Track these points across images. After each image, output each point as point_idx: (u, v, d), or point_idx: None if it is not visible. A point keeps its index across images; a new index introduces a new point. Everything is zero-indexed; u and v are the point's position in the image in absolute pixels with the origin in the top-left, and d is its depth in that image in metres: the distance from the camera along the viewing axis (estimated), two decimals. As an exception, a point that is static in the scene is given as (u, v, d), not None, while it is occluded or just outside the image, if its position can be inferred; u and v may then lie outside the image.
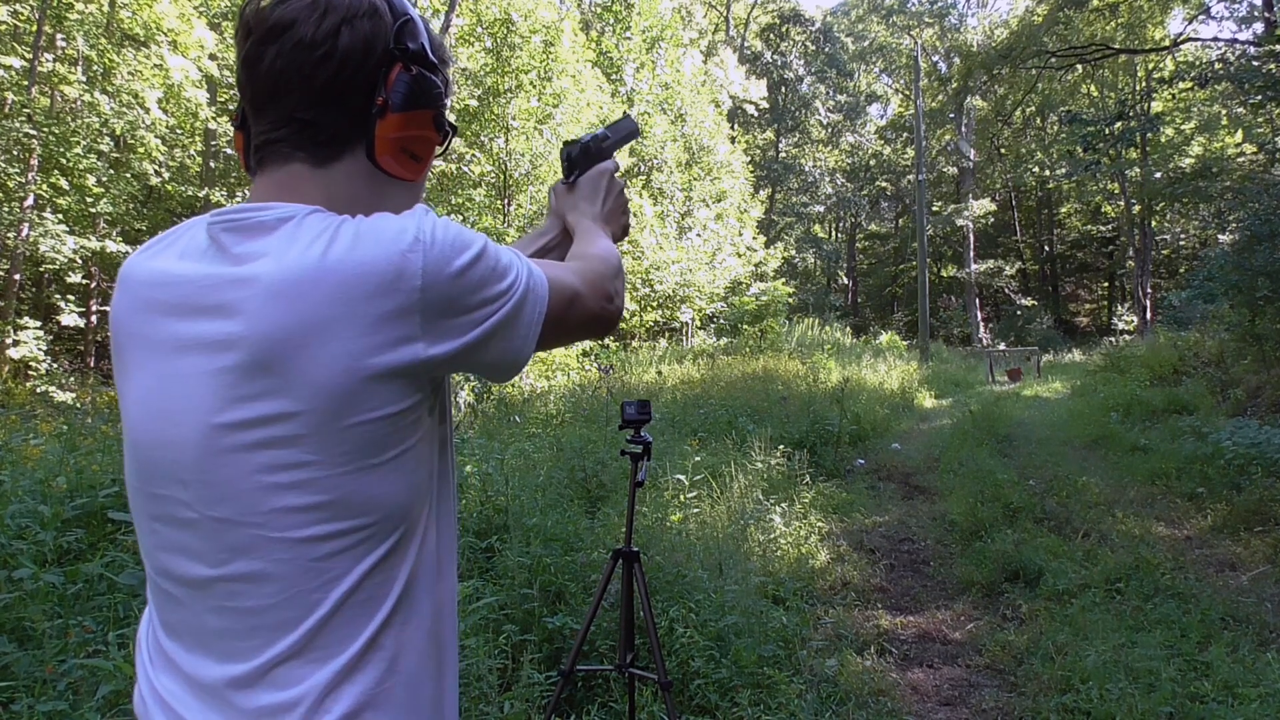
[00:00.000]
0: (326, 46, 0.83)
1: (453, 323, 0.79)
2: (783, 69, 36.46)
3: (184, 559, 0.81)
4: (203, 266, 0.81)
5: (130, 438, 0.86)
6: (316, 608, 0.77)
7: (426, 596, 0.85)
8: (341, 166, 0.87)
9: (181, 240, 0.88)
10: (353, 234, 0.77)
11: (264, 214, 0.81)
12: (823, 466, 7.46)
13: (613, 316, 1.01)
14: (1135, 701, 3.11)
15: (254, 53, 0.84)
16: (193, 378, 0.78)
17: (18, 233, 12.12)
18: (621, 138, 1.30)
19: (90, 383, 11.85)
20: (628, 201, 1.27)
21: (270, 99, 0.85)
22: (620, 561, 2.55)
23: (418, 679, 0.83)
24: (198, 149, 15.27)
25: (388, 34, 0.86)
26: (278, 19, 0.83)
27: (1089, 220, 35.18)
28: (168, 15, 13.07)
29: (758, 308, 17.41)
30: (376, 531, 0.79)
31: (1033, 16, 24.59)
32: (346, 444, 0.76)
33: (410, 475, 0.81)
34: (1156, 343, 15.73)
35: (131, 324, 0.86)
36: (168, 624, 0.86)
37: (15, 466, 4.05)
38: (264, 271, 0.76)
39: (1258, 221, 9.40)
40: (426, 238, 0.78)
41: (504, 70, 14.24)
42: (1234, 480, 6.18)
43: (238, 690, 0.78)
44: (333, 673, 0.78)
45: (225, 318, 0.77)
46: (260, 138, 0.87)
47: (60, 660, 2.34)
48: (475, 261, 0.80)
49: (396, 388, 0.77)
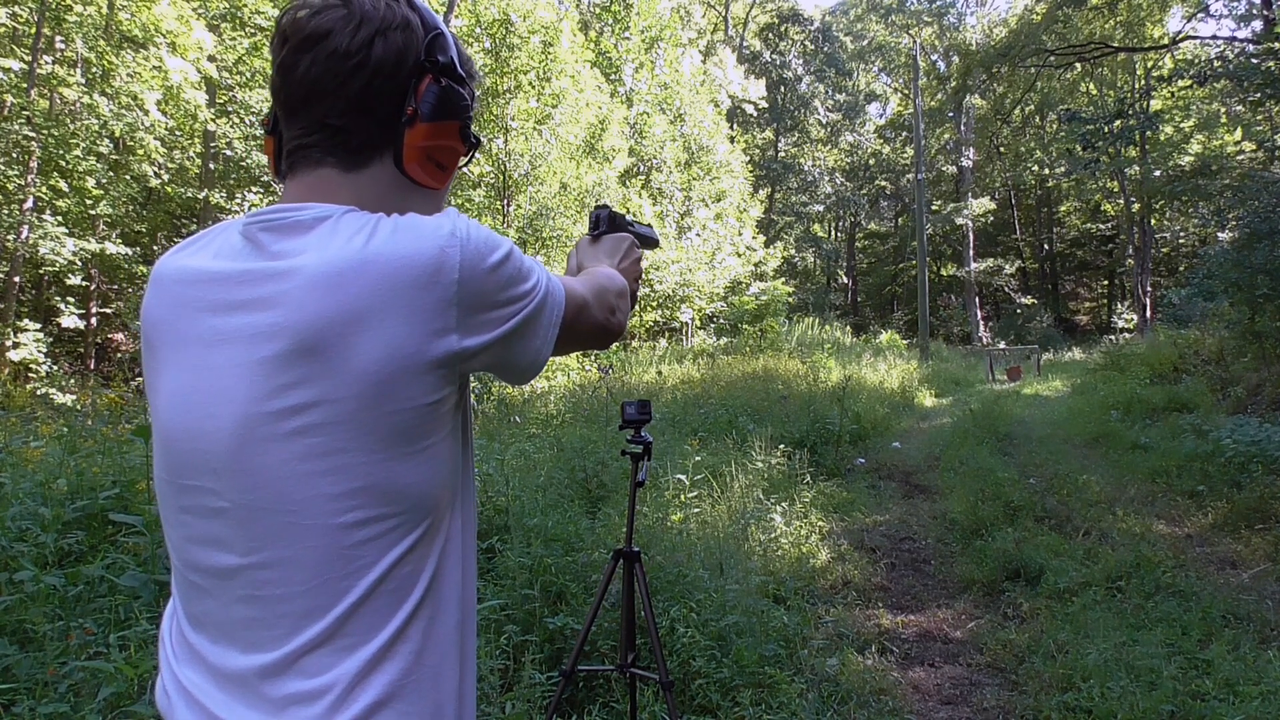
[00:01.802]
0: (360, 56, 0.86)
1: (484, 317, 0.83)
2: (782, 68, 36.45)
3: (213, 549, 0.83)
4: (239, 264, 0.83)
5: (162, 432, 0.87)
6: (345, 595, 0.79)
7: (452, 591, 0.87)
8: (370, 172, 0.90)
9: (215, 242, 0.90)
10: (392, 228, 0.80)
11: (301, 214, 0.83)
12: (823, 466, 7.46)
13: (615, 330, 1.06)
14: (1136, 699, 3.11)
15: (289, 60, 0.87)
16: (230, 369, 0.80)
17: (17, 235, 12.11)
18: (643, 236, 1.40)
19: (90, 385, 11.85)
20: (642, 273, 1.33)
21: (304, 105, 0.88)
22: (621, 561, 2.55)
23: (442, 670, 0.85)
24: (197, 151, 15.26)
25: (419, 47, 0.90)
26: (314, 29, 0.86)
27: (1088, 218, 35.19)
28: (166, 17, 13.08)
29: (757, 307, 17.41)
30: (405, 521, 0.81)
31: (1032, 15, 24.57)
32: (382, 431, 0.78)
33: (438, 467, 0.83)
34: (1156, 341, 15.74)
35: (165, 321, 0.87)
36: (193, 616, 0.87)
37: (16, 469, 4.05)
38: (305, 264, 0.78)
39: (1257, 219, 9.40)
40: (463, 234, 0.81)
41: (503, 71, 14.24)
42: (1234, 478, 6.18)
43: (265, 679, 0.79)
44: (362, 662, 0.79)
45: (265, 310, 0.79)
46: (292, 143, 0.90)
47: (61, 662, 2.34)
48: (505, 260, 0.84)
49: (433, 379, 0.80)
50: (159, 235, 15.86)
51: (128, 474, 3.73)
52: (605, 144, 16.52)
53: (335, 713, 0.77)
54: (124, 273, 14.49)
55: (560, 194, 15.16)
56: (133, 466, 3.85)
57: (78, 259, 12.74)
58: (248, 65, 14.18)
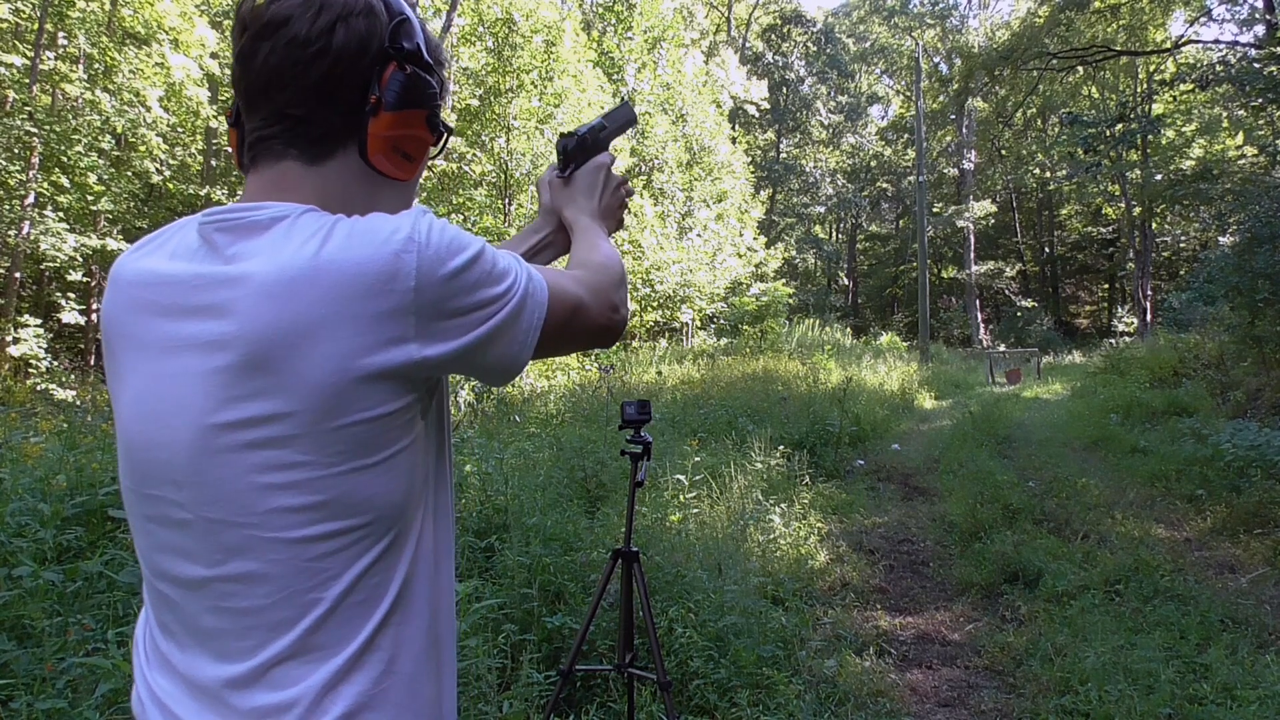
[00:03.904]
0: (320, 43, 0.83)
1: (447, 324, 0.79)
2: (784, 70, 36.46)
3: (179, 559, 0.81)
4: (194, 266, 0.81)
5: (123, 439, 0.86)
6: (312, 608, 0.77)
7: (423, 597, 0.85)
8: (334, 164, 0.87)
9: (172, 240, 0.87)
10: (346, 233, 0.77)
11: (257, 214, 0.80)
12: (822, 467, 7.46)
13: (618, 326, 1.00)
14: (1134, 703, 3.11)
15: (249, 48, 0.84)
16: (185, 378, 0.78)
17: (18, 230, 12.12)
18: (618, 127, 1.26)
19: (90, 380, 11.84)
20: (625, 195, 1.24)
21: (264, 95, 0.85)
22: (620, 561, 2.55)
23: (416, 679, 0.83)
24: (199, 147, 15.28)
25: (383, 33, 0.86)
26: (273, 15, 0.83)
27: (1089, 222, 35.18)
28: (169, 14, 13.09)
29: (758, 308, 17.40)
30: (371, 532, 0.79)
31: (1034, 18, 24.57)
32: (339, 444, 0.76)
33: (403, 476, 0.81)
34: (1156, 344, 15.73)
35: (123, 324, 0.85)
36: (164, 624, 0.86)
37: (15, 464, 4.05)
38: (257, 271, 0.76)
39: (1258, 224, 9.40)
40: (421, 238, 0.77)
41: (505, 70, 14.24)
42: (1233, 482, 6.18)
43: (234, 690, 0.78)
44: (330, 673, 0.78)
45: (217, 318, 0.77)
46: (254, 134, 0.87)
47: (59, 658, 2.34)
48: (471, 264, 0.80)
49: (389, 388, 0.77)
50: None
51: (127, 470, 3.73)
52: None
53: None
54: (125, 269, 14.49)
55: (561, 194, 15.10)
56: (132, 463, 3.84)
57: (78, 255, 12.75)
58: (250, 62, 14.17)
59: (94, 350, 15.09)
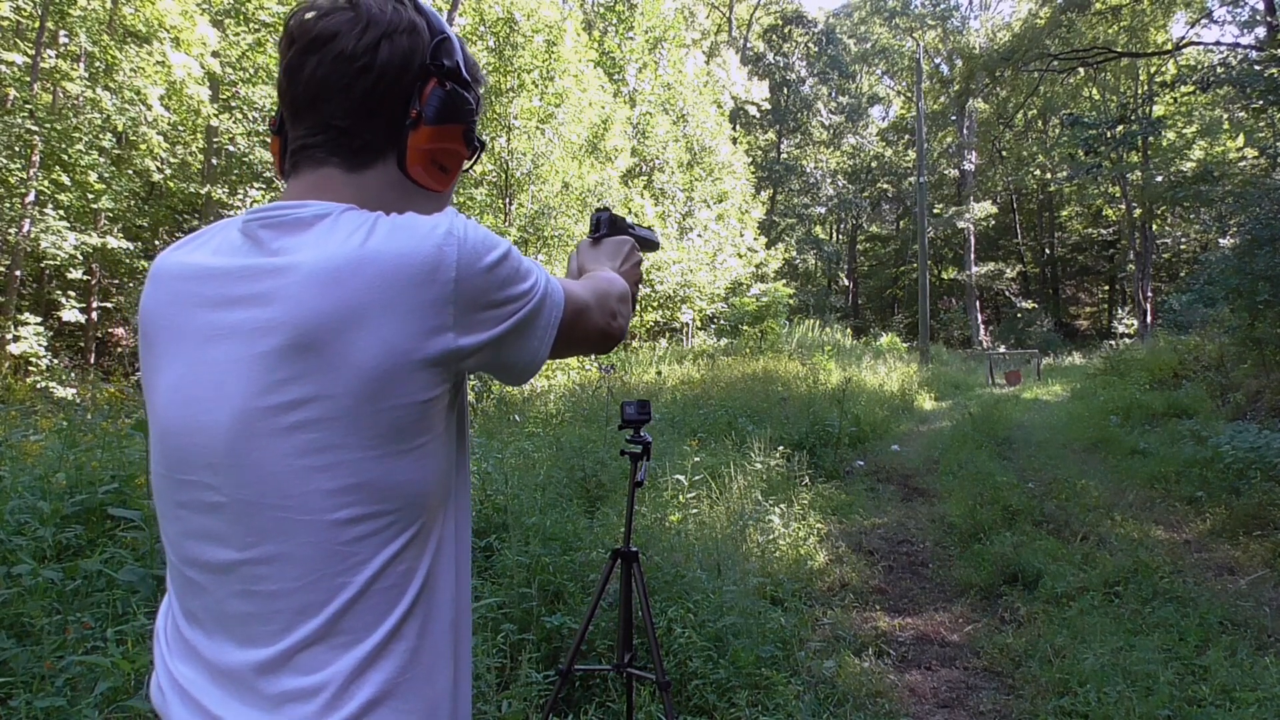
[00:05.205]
0: (366, 59, 0.87)
1: (481, 316, 0.83)
2: (785, 70, 36.46)
3: (209, 544, 0.83)
4: (239, 260, 0.84)
5: (159, 426, 0.87)
6: (340, 592, 0.79)
7: (446, 590, 0.87)
8: (373, 174, 0.91)
9: (215, 238, 0.90)
10: (390, 227, 0.80)
11: (300, 211, 0.84)
12: (822, 467, 7.46)
13: (615, 334, 1.06)
14: (1133, 705, 3.11)
15: (296, 61, 0.88)
16: (228, 364, 0.80)
17: (19, 228, 12.11)
18: (643, 239, 1.40)
19: (90, 379, 11.84)
20: (642, 277, 1.34)
21: (309, 106, 0.89)
22: (619, 561, 2.55)
23: (436, 670, 0.85)
24: (200, 146, 15.26)
25: (425, 50, 0.91)
26: (321, 30, 0.87)
27: (1090, 223, 35.19)
28: (170, 12, 13.07)
29: (758, 308, 17.41)
30: (400, 518, 0.81)
31: (1035, 19, 24.59)
32: (378, 428, 0.78)
33: (433, 465, 0.84)
34: (1156, 346, 15.74)
35: (163, 317, 0.88)
36: (189, 611, 0.88)
37: (15, 462, 4.05)
38: (303, 261, 0.79)
39: (1259, 225, 9.40)
40: (460, 233, 0.82)
41: (506, 69, 14.25)
42: (1233, 484, 6.18)
43: (261, 675, 0.80)
44: (357, 659, 0.79)
45: (263, 305, 0.79)
46: (297, 143, 0.91)
47: (59, 656, 2.34)
48: (502, 260, 0.84)
49: (428, 376, 0.80)
50: (160, 230, 15.85)
51: (127, 469, 3.74)
52: (608, 144, 16.53)
53: (331, 710, 0.77)
54: (125, 267, 14.48)
55: (562, 193, 15.16)
56: (132, 461, 3.85)
57: (79, 253, 12.74)
58: (251, 61, 14.18)
59: (94, 349, 15.09)
